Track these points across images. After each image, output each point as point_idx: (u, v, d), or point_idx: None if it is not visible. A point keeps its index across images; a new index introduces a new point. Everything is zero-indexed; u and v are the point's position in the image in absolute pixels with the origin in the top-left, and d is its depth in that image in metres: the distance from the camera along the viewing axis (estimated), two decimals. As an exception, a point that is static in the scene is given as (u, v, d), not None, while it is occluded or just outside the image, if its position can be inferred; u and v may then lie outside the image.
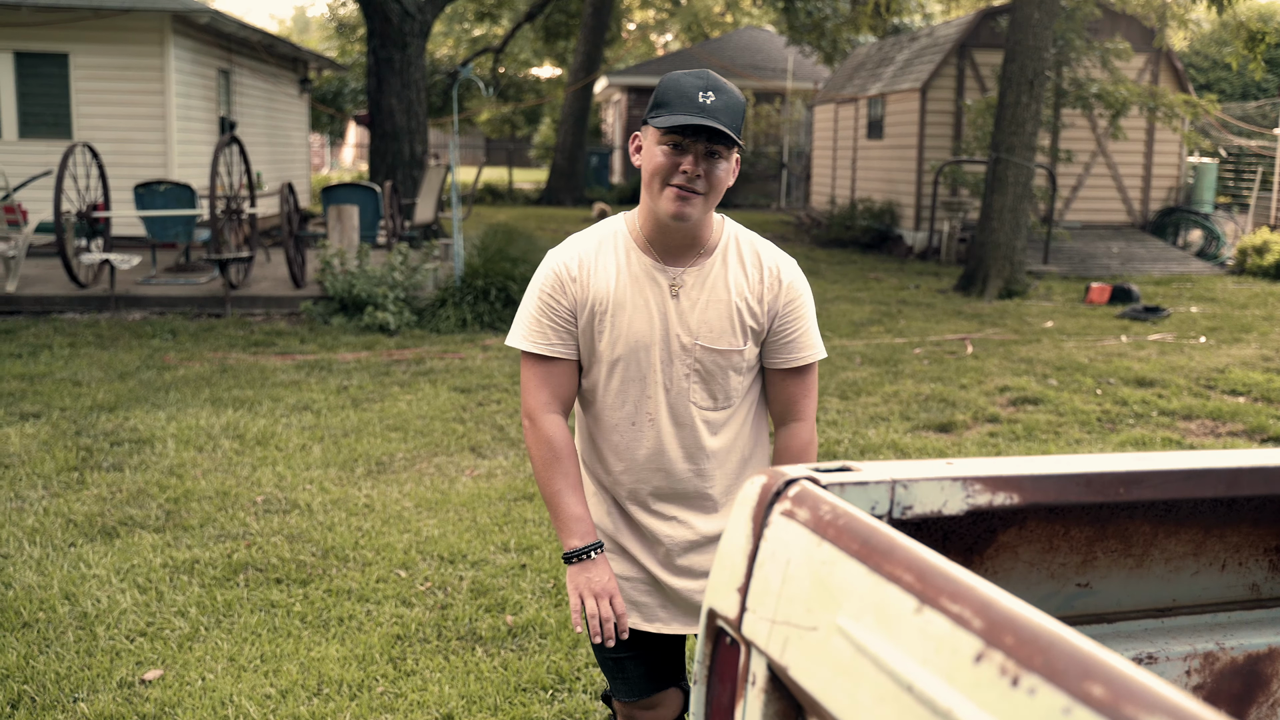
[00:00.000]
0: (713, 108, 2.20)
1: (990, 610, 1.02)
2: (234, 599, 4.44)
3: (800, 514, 1.32)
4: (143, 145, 14.60)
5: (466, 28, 39.86)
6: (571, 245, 2.42)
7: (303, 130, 22.18)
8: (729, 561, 1.43)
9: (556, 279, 2.38)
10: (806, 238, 20.43)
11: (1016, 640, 0.98)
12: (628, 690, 2.57)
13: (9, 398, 7.41)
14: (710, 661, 1.49)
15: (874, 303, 12.46)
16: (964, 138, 16.67)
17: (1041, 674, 0.94)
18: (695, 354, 2.36)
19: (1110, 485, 1.50)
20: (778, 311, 2.39)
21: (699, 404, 2.39)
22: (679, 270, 2.36)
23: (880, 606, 1.14)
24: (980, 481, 1.44)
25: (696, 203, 2.25)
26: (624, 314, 2.36)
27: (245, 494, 5.64)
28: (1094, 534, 1.68)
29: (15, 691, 3.70)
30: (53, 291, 10.93)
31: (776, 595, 1.32)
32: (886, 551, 1.17)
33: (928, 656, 1.06)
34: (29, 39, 14.41)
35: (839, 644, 1.20)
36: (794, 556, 1.30)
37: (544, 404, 2.40)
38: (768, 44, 32.41)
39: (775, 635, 1.31)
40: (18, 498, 5.54)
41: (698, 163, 2.23)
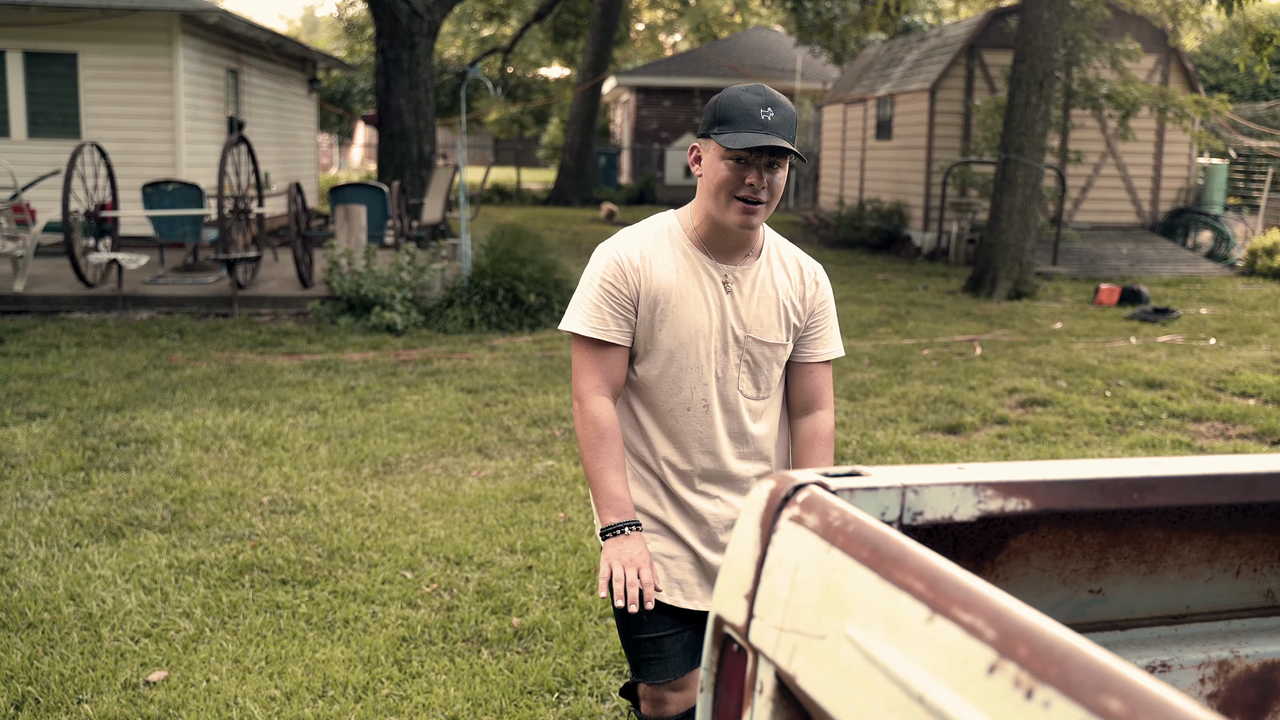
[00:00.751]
0: (774, 124, 2.36)
1: (1003, 620, 1.00)
2: (239, 600, 4.43)
3: (809, 520, 1.30)
4: (151, 145, 14.62)
5: (475, 28, 39.87)
6: (631, 237, 2.56)
7: (311, 130, 22.20)
8: (736, 568, 1.40)
9: (619, 268, 2.51)
10: (815, 238, 20.39)
11: (1030, 651, 0.96)
12: (663, 670, 2.63)
13: (16, 397, 7.41)
14: (717, 668, 1.47)
15: (882, 304, 12.43)
16: (973, 138, 16.62)
17: (1056, 687, 0.91)
18: (747, 345, 2.55)
19: (1124, 491, 1.48)
20: (813, 310, 2.61)
21: (745, 392, 2.58)
22: (730, 268, 2.53)
23: (890, 615, 1.12)
24: (992, 487, 1.42)
25: (760, 212, 2.42)
26: (686, 305, 2.51)
27: (251, 494, 5.63)
28: (1106, 540, 1.65)
29: (20, 692, 3.69)
30: (61, 291, 10.94)
31: (784, 602, 1.30)
32: (897, 559, 1.14)
33: (939, 667, 1.04)
34: (38, 39, 14.43)
35: (848, 653, 1.17)
36: (802, 563, 1.28)
37: (595, 387, 2.52)
38: (776, 44, 32.37)
39: (783, 643, 1.29)
40: (24, 497, 5.54)
41: (761, 176, 2.38)
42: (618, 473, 2.50)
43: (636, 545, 2.47)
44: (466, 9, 35.86)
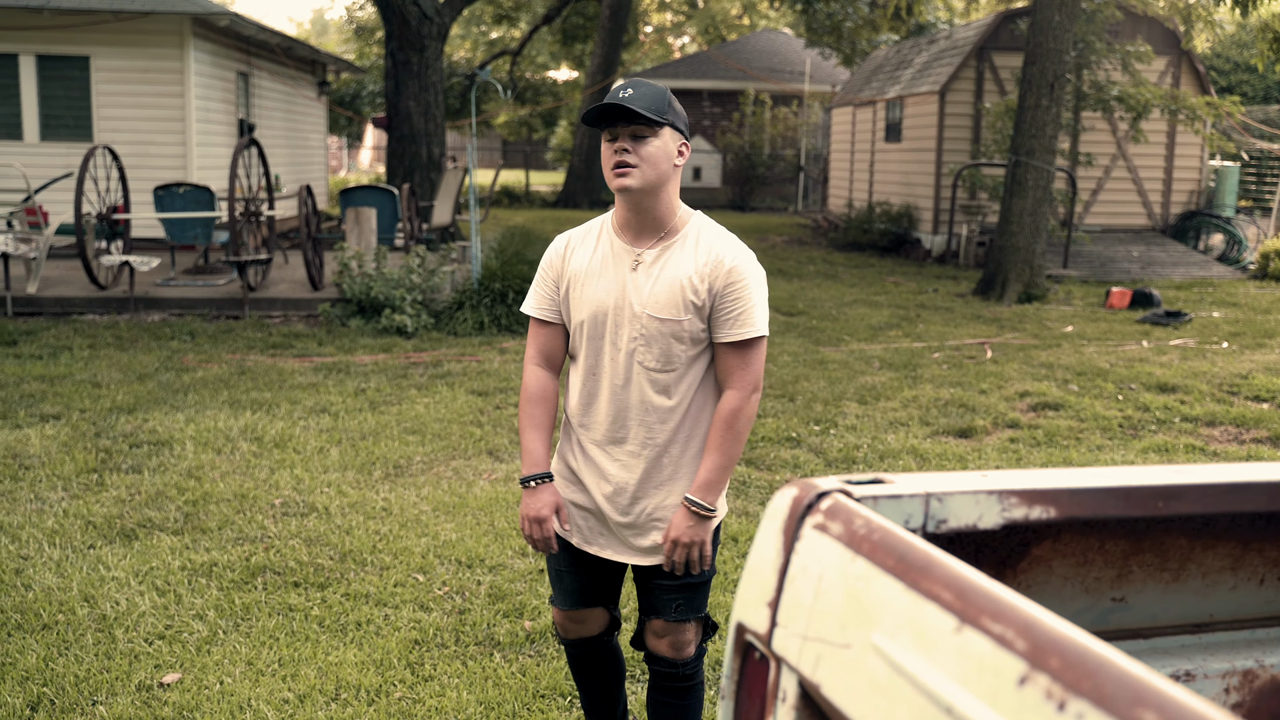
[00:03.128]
0: (628, 97, 2.65)
1: (1034, 631, 0.99)
2: (252, 602, 4.43)
3: (833, 528, 1.29)
4: (162, 147, 14.65)
5: (484, 30, 39.92)
6: (570, 231, 2.94)
7: (321, 133, 22.24)
8: (758, 575, 1.40)
9: (549, 257, 2.92)
10: (824, 240, 20.37)
11: (1063, 663, 0.95)
12: (561, 600, 3.04)
13: (30, 399, 7.43)
14: (739, 676, 1.46)
15: (892, 307, 12.41)
16: (983, 141, 16.59)
17: (1090, 699, 0.91)
18: (643, 320, 2.76)
19: (1149, 499, 1.47)
20: (719, 291, 2.73)
21: (644, 364, 2.78)
22: (642, 250, 2.79)
23: (918, 625, 1.11)
24: (1016, 495, 1.41)
25: (633, 174, 2.67)
26: (591, 284, 2.81)
27: (263, 497, 5.64)
28: (1129, 547, 1.64)
29: (35, 694, 3.69)
30: (73, 293, 10.97)
31: (809, 611, 1.29)
32: (924, 568, 1.14)
33: (968, 678, 1.03)
34: (50, 42, 14.48)
35: (874, 663, 1.17)
36: (827, 571, 1.28)
37: (531, 358, 2.94)
38: (785, 47, 32.35)
39: (807, 652, 1.28)
40: (38, 499, 5.55)
41: (623, 140, 2.67)
42: (536, 432, 2.88)
43: (542, 497, 2.85)
44: (475, 11, 35.90)
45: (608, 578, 3.02)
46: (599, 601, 3.04)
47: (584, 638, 3.09)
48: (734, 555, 5.02)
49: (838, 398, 7.99)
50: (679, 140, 2.74)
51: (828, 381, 8.49)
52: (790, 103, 29.95)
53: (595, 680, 3.19)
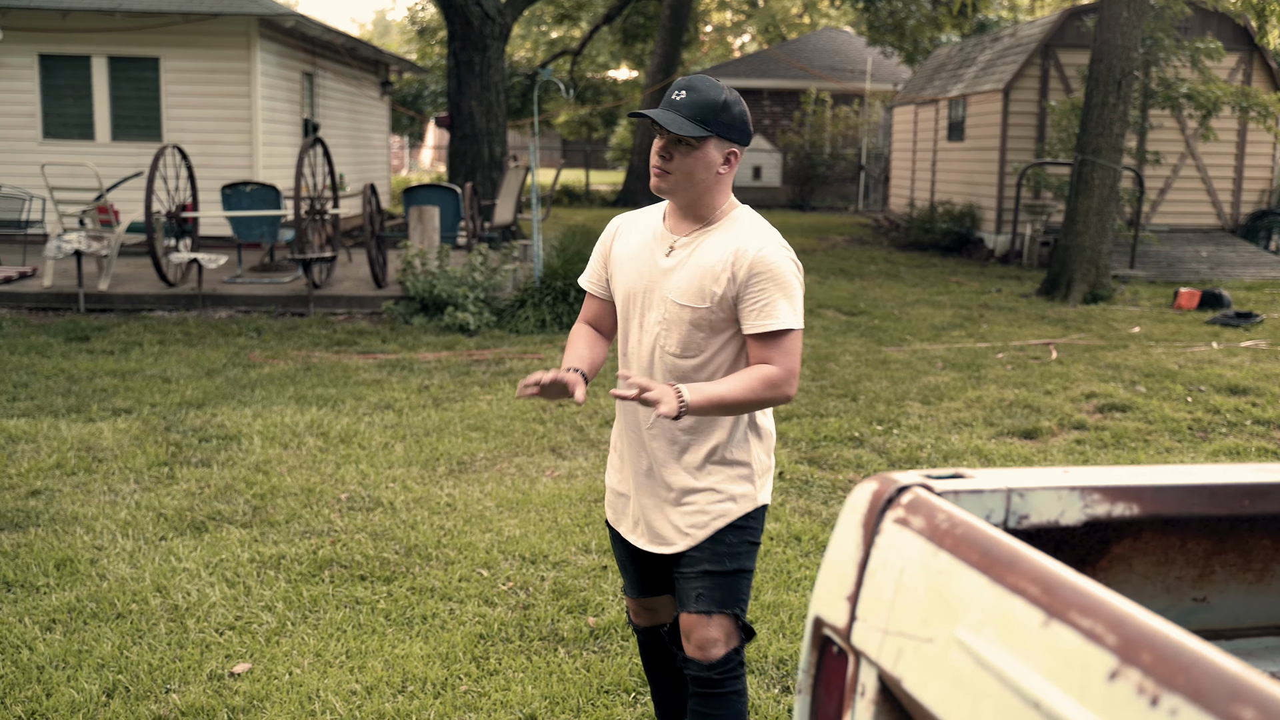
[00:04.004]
0: (678, 103, 2.66)
1: (1125, 625, 0.99)
2: (320, 595, 4.49)
3: (915, 522, 1.29)
4: (229, 147, 14.88)
5: (544, 30, 40.10)
6: (628, 213, 3.01)
7: (383, 132, 22.46)
8: (837, 569, 1.40)
9: (603, 235, 3.02)
10: (885, 240, 20.23)
11: (1155, 658, 0.94)
12: (630, 588, 3.11)
13: (102, 393, 7.58)
14: (816, 671, 1.46)
15: (955, 307, 12.29)
16: (1048, 139, 16.38)
17: (1185, 694, 0.90)
18: (667, 306, 2.78)
19: (1234, 498, 1.45)
20: (743, 281, 2.70)
21: (666, 348, 2.81)
22: (678, 237, 2.82)
23: (1003, 619, 1.11)
24: (1099, 491, 1.39)
25: (668, 179, 2.71)
26: (628, 266, 2.88)
27: (330, 491, 5.71)
28: (1212, 547, 1.62)
29: (110, 681, 3.77)
30: (143, 290, 11.18)
31: (889, 605, 1.29)
32: (1010, 562, 1.13)
33: (1056, 672, 1.03)
34: (121, 44, 14.75)
35: (958, 657, 1.16)
36: (908, 565, 1.27)
37: (581, 318, 3.06)
38: (846, 45, 32.15)
39: (888, 646, 1.28)
40: (111, 491, 5.66)
41: (665, 148, 2.69)
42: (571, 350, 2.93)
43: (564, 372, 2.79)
44: (536, 11, 36.07)
45: (665, 566, 3.02)
46: (666, 589, 3.05)
47: (655, 625, 3.13)
48: (796, 554, 5.00)
49: (900, 398, 7.93)
50: (727, 149, 2.71)
51: (890, 381, 8.44)
52: (851, 102, 29.77)
53: (664, 672, 3.20)
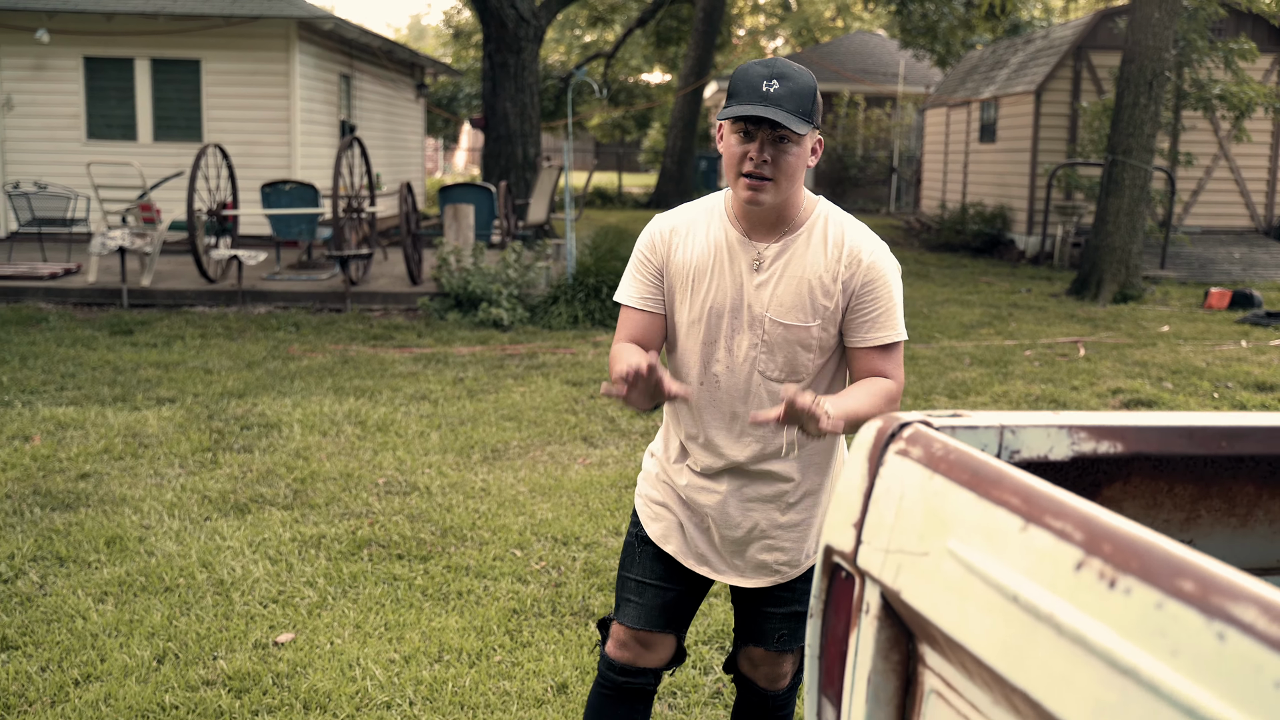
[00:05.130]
0: (776, 95, 2.28)
1: (1090, 524, 1.12)
2: (359, 572, 4.65)
3: (914, 452, 1.42)
4: (268, 147, 15.13)
5: (578, 34, 40.33)
6: (674, 212, 2.60)
7: (418, 134, 22.71)
8: (845, 500, 1.53)
9: (651, 240, 2.56)
10: (916, 242, 20.27)
11: (1114, 548, 1.07)
12: (635, 616, 2.65)
13: (146, 383, 7.79)
14: (826, 595, 1.59)
15: (984, 305, 12.36)
16: (1079, 140, 16.40)
17: (1137, 575, 1.03)
18: (765, 325, 2.44)
19: (1213, 439, 1.57)
20: (855, 291, 2.43)
21: (765, 373, 2.47)
22: (764, 245, 2.45)
23: (988, 528, 1.24)
24: (1085, 430, 1.52)
25: (768, 189, 2.34)
26: (704, 281, 2.48)
27: (367, 476, 5.88)
28: (1198, 492, 1.74)
29: (161, 648, 3.94)
30: (184, 286, 11.42)
31: (890, 527, 1.42)
32: (995, 480, 1.26)
33: (1032, 569, 1.16)
34: (164, 46, 15.04)
35: (949, 566, 1.29)
36: (907, 491, 1.40)
37: (620, 339, 2.57)
38: (879, 48, 32.19)
39: (889, 564, 1.41)
40: (157, 474, 5.85)
41: (763, 149, 2.31)
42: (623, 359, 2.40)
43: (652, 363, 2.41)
44: (569, 15, 36.31)
45: (692, 600, 2.71)
46: (674, 626, 2.69)
47: (644, 668, 2.69)
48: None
49: (928, 392, 8.03)
50: (815, 138, 2.41)
51: (918, 376, 8.53)
52: (884, 104, 29.81)
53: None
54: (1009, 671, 1.17)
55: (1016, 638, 1.16)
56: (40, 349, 8.83)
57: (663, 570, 2.65)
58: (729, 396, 2.50)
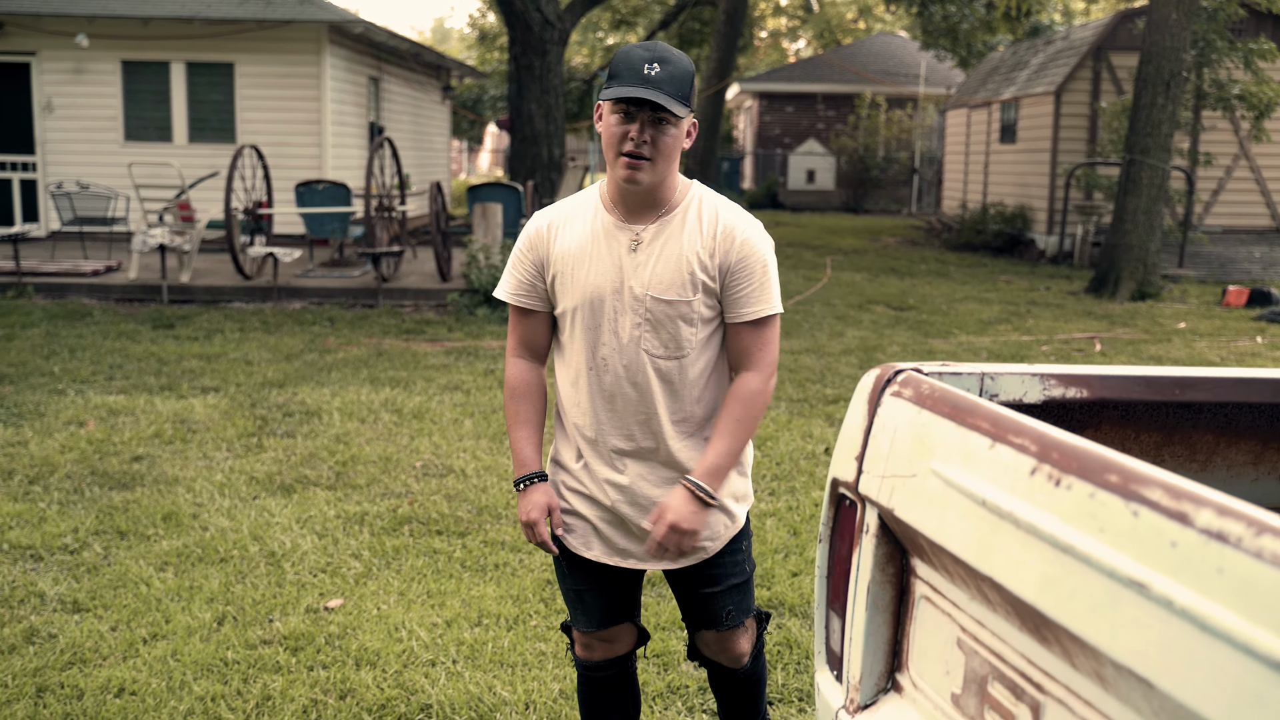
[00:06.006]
0: (657, 78, 2.36)
1: (1043, 438, 1.37)
2: (401, 545, 4.93)
3: (906, 393, 1.68)
4: (299, 148, 15.47)
5: (601, 36, 40.64)
6: (552, 207, 2.66)
7: (445, 135, 23.04)
8: (848, 438, 1.79)
9: (529, 238, 2.63)
10: (937, 242, 20.46)
11: (1060, 454, 1.33)
12: (586, 621, 2.77)
13: (191, 374, 8.11)
14: (833, 522, 1.86)
15: (1002, 303, 12.56)
16: (1099, 141, 16.57)
17: (1076, 474, 1.29)
18: (646, 304, 2.50)
19: (1167, 387, 1.82)
20: (729, 267, 2.50)
21: (651, 351, 2.53)
22: (640, 227, 2.53)
23: (964, 449, 1.50)
24: (1055, 377, 1.78)
25: (645, 168, 2.42)
26: (583, 268, 2.54)
27: (405, 460, 6.16)
28: (1161, 439, 1.99)
29: (220, 612, 4.23)
30: (221, 282, 11.75)
31: (886, 456, 1.68)
32: (970, 409, 1.52)
33: (997, 478, 1.42)
34: (199, 50, 15.40)
35: (933, 483, 1.55)
36: (900, 425, 1.66)
37: (513, 348, 2.70)
38: (900, 50, 32.36)
39: (884, 487, 1.67)
40: (206, 457, 6.15)
41: (643, 130, 2.39)
42: (524, 429, 2.66)
43: (533, 499, 2.61)
44: (593, 18, 36.60)
45: (631, 589, 2.78)
46: (626, 616, 2.79)
47: (612, 658, 2.83)
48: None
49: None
50: (691, 120, 2.49)
51: (935, 369, 8.75)
52: (905, 105, 29.98)
53: (613, 713, 2.91)
54: (978, 563, 1.43)
55: (984, 535, 1.42)
56: (87, 342, 9.16)
57: (594, 574, 2.71)
58: (616, 379, 2.55)
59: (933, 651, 1.65)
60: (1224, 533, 1.08)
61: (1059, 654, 1.33)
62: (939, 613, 1.63)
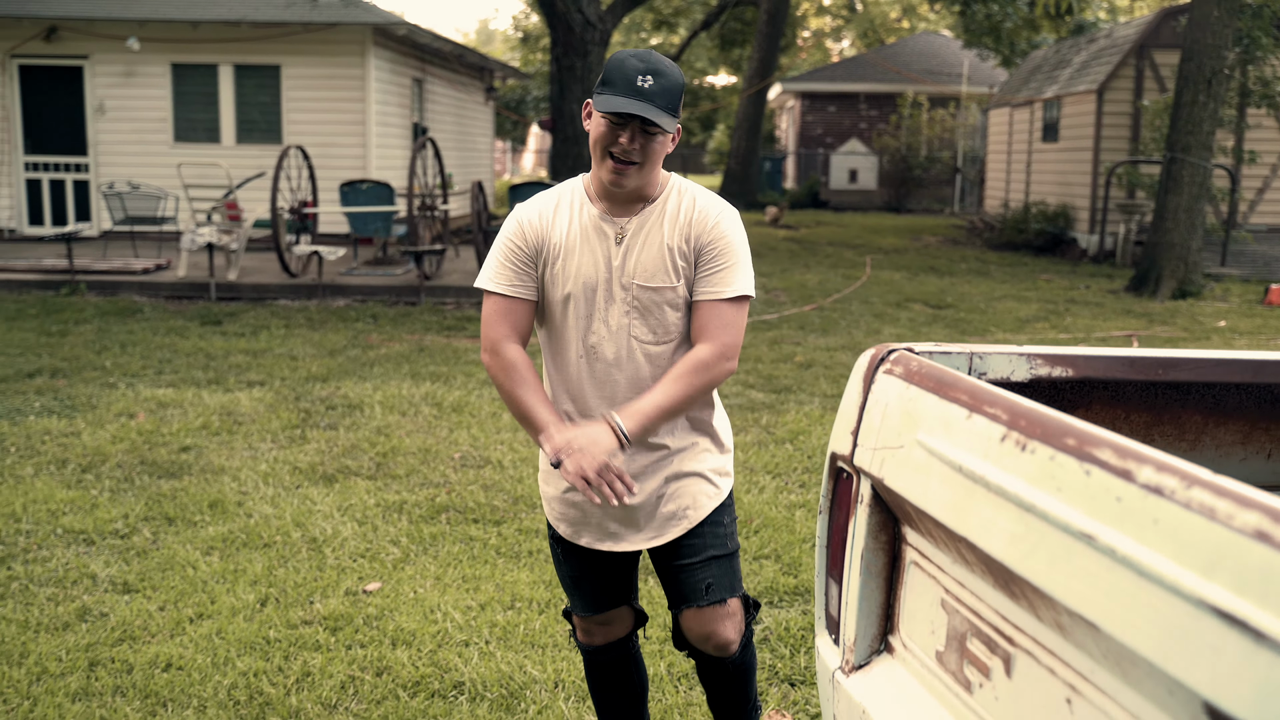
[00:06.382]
0: (649, 91, 2.45)
1: (1013, 408, 1.48)
2: (438, 533, 5.08)
3: (896, 370, 1.79)
4: (343, 149, 15.72)
5: (644, 37, 40.78)
6: (537, 199, 2.72)
7: (488, 135, 23.26)
8: (845, 414, 1.90)
9: (520, 227, 2.67)
10: (978, 241, 20.41)
11: (1028, 423, 1.43)
12: (583, 606, 2.87)
13: (237, 369, 8.32)
14: (832, 494, 1.97)
15: (1041, 301, 12.55)
16: (1141, 139, 16.48)
17: (1039, 439, 1.39)
18: (633, 292, 2.60)
19: (1150, 367, 1.91)
20: (701, 249, 2.59)
21: (639, 338, 2.63)
22: (624, 220, 2.62)
23: (945, 420, 1.61)
24: (1041, 358, 1.88)
25: (631, 173, 2.52)
26: (573, 259, 2.62)
27: (444, 451, 6.31)
28: (1151, 419, 2.08)
29: (263, 593, 4.39)
30: (268, 280, 12.00)
31: (877, 430, 1.79)
32: (952, 384, 1.63)
33: (972, 445, 1.52)
34: (246, 53, 15.70)
35: (918, 453, 1.66)
36: (890, 400, 1.77)
37: (504, 336, 2.66)
38: (944, 49, 32.25)
39: (875, 459, 1.78)
40: (251, 448, 6.34)
41: (634, 139, 2.49)
42: (537, 394, 2.62)
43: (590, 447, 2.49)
44: (636, 19, 36.76)
45: (626, 573, 2.86)
46: (622, 600, 2.88)
47: (612, 641, 2.93)
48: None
49: (978, 381, 8.30)
50: (676, 126, 2.57)
51: (969, 366, 8.80)
52: (948, 105, 29.89)
53: (621, 693, 3.01)
54: (955, 525, 1.54)
55: (960, 499, 1.53)
56: (138, 337, 9.41)
57: (588, 561, 2.80)
58: (606, 365, 2.64)
59: (920, 614, 1.76)
60: (1160, 486, 1.18)
61: (1026, 608, 1.43)
62: (926, 576, 1.74)
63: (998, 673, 1.53)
